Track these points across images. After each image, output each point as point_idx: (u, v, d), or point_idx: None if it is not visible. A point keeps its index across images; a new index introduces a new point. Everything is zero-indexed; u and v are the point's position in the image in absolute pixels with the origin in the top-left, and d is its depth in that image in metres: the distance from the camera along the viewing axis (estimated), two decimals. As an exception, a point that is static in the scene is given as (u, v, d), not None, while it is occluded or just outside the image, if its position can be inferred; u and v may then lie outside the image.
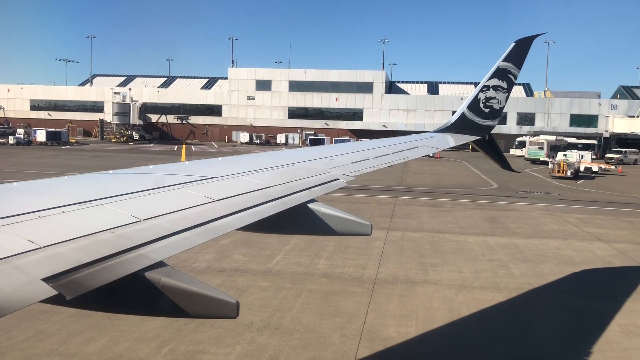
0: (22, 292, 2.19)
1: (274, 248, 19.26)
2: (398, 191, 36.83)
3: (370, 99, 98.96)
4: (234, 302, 2.74)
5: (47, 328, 11.65)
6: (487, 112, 10.34)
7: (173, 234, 3.09)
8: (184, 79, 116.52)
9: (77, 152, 67.31)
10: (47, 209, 3.02)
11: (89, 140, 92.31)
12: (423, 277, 16.41)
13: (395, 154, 7.96)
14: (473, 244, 21.06)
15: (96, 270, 2.50)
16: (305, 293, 14.53)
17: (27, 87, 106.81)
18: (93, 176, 4.55)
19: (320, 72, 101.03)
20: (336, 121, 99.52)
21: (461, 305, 14.00)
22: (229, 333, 11.68)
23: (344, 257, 18.25)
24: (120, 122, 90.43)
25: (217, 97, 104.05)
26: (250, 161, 6.28)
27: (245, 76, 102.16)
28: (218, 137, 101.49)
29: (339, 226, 4.63)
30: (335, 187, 5.32)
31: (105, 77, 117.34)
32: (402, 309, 13.59)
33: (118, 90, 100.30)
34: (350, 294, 14.57)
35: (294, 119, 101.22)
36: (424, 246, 20.31)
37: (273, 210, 4.06)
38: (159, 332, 11.67)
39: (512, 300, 14.71)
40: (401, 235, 22.05)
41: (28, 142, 75.23)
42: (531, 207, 31.03)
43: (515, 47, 10.14)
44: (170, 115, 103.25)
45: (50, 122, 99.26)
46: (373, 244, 20.36)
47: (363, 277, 16.17)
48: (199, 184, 4.29)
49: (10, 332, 11.43)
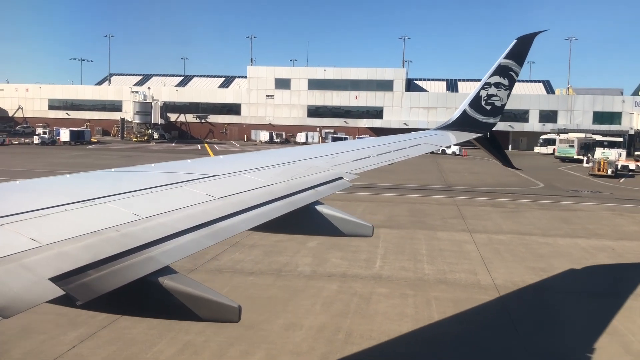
0: (30, 291, 2.15)
1: (366, 251, 18.74)
2: (448, 190, 36.26)
3: (390, 97, 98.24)
4: (236, 307, 2.77)
5: (192, 340, 11.13)
6: (489, 109, 10.26)
7: (179, 233, 3.06)
8: (201, 78, 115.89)
9: (104, 152, 66.85)
10: (49, 207, 2.97)
11: (110, 140, 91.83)
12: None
13: (397, 151, 7.79)
14: (565, 246, 20.46)
15: (106, 274, 2.46)
16: (434, 301, 13.97)
17: (45, 87, 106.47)
18: (94, 174, 4.47)
19: (340, 70, 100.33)
20: (356, 119, 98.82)
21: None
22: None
23: (445, 262, 17.68)
24: (141, 122, 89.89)
25: (236, 96, 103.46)
26: (251, 159, 6.24)
27: (264, 75, 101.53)
28: (237, 136, 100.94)
29: (344, 227, 4.65)
30: (340, 187, 5.29)
31: (121, 76, 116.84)
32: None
33: (137, 89, 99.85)
34: (478, 301, 14.02)
35: (313, 117, 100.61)
36: (518, 249, 19.73)
37: (281, 211, 4.03)
38: (312, 343, 11.15)
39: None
40: (487, 237, 21.47)
41: (52, 142, 74.83)
42: (595, 207, 30.39)
43: (517, 45, 10.01)
44: (189, 114, 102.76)
45: (68, 121, 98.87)
46: (465, 247, 19.82)
47: (480, 283, 15.61)
48: (202, 181, 4.24)
49: (157, 344, 10.93)
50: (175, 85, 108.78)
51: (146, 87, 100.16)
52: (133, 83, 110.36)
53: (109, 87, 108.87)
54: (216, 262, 16.95)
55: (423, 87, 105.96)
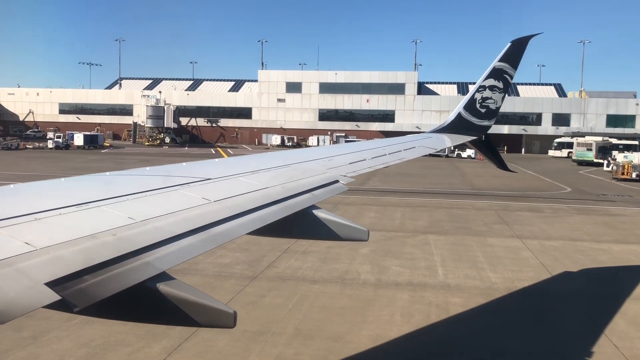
0: (25, 296, 2.13)
1: (423, 259, 18.38)
2: (479, 195, 35.87)
3: (402, 100, 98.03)
4: (232, 312, 2.80)
5: (282, 352, 10.76)
6: (484, 112, 10.29)
7: (175, 237, 3.04)
8: (210, 82, 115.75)
9: (119, 156, 66.58)
10: (43, 211, 2.95)
11: (122, 144, 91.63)
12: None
13: (392, 154, 7.79)
14: (623, 252, 20.06)
15: (102, 280, 2.45)
16: (517, 312, 13.57)
17: (56, 91, 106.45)
18: (89, 178, 4.48)
19: (351, 74, 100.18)
20: (367, 123, 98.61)
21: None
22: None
23: (507, 269, 17.28)
24: (154, 125, 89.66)
25: (247, 100, 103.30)
26: (246, 162, 6.32)
27: (275, 78, 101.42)
28: (248, 140, 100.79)
29: (341, 231, 4.65)
30: (337, 190, 5.27)
31: (131, 80, 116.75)
32: None
33: (147, 93, 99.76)
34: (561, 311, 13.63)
35: (325, 121, 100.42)
36: (576, 256, 19.31)
37: (278, 215, 4.04)
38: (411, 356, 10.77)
39: None
40: (539, 244, 21.07)
41: (66, 146, 74.61)
42: (633, 212, 29.97)
43: (511, 48, 10.05)
44: (200, 118, 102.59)
45: (78, 125, 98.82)
46: (521, 254, 19.43)
47: (553, 290, 15.21)
48: (198, 185, 4.24)
49: (247, 357, 10.56)
50: (185, 89, 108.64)
51: (157, 91, 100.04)
52: (143, 87, 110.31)
53: (119, 91, 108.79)
54: (275, 270, 16.59)
55: (434, 91, 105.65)
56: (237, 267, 16.71)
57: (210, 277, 15.65)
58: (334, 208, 27.16)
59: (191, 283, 3.02)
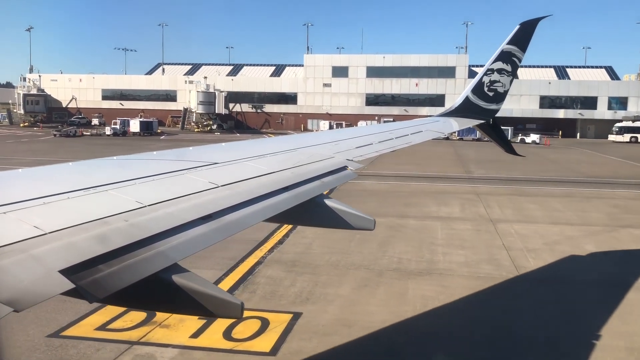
0: (40, 284, 2.08)
1: None
2: (581, 182, 34.08)
3: (452, 84, 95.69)
4: (239, 304, 2.82)
5: None
6: (492, 95, 10.27)
7: (187, 225, 2.97)
8: (251, 67, 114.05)
9: (181, 142, 65.31)
10: (52, 195, 2.89)
11: (171, 131, 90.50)
12: None
13: (399, 138, 7.79)
14: None
15: (117, 270, 2.41)
16: None
17: (99, 77, 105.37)
18: (95, 162, 4.44)
19: (400, 57, 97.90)
20: (416, 107, 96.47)
21: None
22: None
23: None
24: (205, 112, 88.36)
25: (292, 85, 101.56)
26: (252, 146, 6.36)
27: (321, 63, 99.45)
28: (293, 126, 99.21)
29: (351, 220, 4.64)
30: (347, 178, 5.22)
31: (171, 65, 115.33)
32: None
33: (191, 78, 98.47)
34: None
35: (372, 105, 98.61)
36: None
37: (290, 203, 4.01)
38: None
39: None
40: None
41: (123, 133, 73.64)
42: None
43: (520, 30, 9.98)
44: (244, 103, 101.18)
45: (121, 111, 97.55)
46: None
47: None
48: (205, 169, 4.19)
49: None
50: (226, 75, 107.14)
51: (199, 76, 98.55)
52: (183, 72, 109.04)
53: (162, 76, 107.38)
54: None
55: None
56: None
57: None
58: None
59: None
